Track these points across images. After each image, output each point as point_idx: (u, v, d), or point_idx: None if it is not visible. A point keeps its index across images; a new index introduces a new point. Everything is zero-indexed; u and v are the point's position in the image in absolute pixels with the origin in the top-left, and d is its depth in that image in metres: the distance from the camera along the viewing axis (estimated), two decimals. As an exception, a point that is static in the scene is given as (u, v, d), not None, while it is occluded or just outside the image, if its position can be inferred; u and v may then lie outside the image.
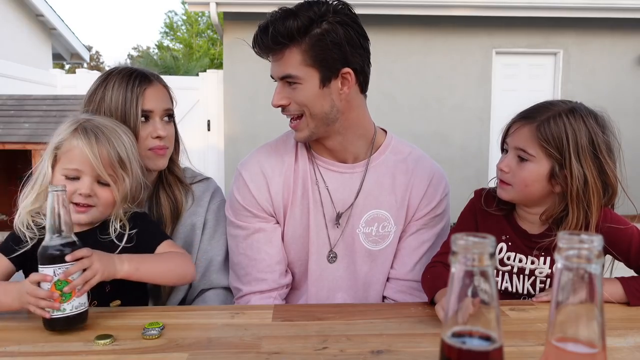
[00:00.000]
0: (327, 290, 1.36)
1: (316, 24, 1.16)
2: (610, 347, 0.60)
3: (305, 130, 1.25)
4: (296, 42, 1.17)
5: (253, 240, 1.33)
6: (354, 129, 1.30)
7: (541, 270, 1.21)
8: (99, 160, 1.11)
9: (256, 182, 1.32)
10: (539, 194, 1.16)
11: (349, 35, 1.18)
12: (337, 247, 1.34)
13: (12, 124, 4.39)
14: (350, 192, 1.33)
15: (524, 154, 1.14)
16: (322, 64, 1.18)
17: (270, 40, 1.18)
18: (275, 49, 1.19)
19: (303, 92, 1.20)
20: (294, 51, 1.18)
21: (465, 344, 0.50)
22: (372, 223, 1.33)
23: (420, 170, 1.36)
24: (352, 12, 1.22)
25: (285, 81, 1.22)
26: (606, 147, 1.12)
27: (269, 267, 1.32)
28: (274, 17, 1.18)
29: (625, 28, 6.77)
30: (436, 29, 6.78)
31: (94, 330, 1.00)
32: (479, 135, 6.91)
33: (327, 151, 1.33)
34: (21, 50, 8.48)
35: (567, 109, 1.13)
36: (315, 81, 1.20)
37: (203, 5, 6.72)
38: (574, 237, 0.51)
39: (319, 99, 1.21)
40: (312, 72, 1.19)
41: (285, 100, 1.23)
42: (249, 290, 1.33)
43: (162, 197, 1.40)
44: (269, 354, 0.90)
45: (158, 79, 1.38)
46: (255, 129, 6.58)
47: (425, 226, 1.36)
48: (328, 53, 1.17)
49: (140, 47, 27.64)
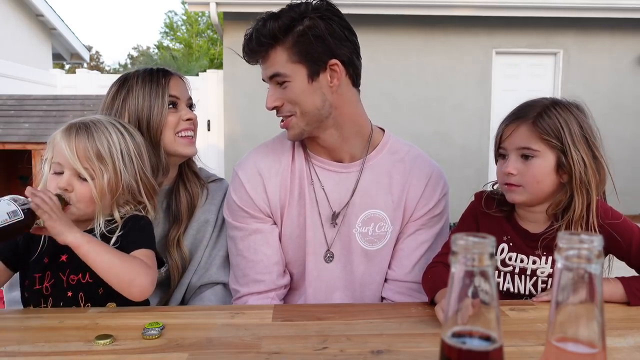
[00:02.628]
0: (325, 290, 1.36)
1: (298, 22, 1.19)
2: (610, 347, 0.60)
3: (296, 128, 1.26)
4: (280, 42, 1.20)
5: (250, 242, 1.33)
6: (349, 125, 1.30)
7: (543, 270, 1.21)
8: (74, 154, 1.11)
9: (252, 182, 1.32)
10: (550, 188, 1.17)
11: (332, 28, 1.21)
12: (334, 246, 1.34)
13: (12, 124, 4.39)
14: (346, 191, 1.33)
15: (529, 152, 1.15)
16: (308, 58, 1.20)
17: (255, 44, 1.22)
18: (261, 51, 1.23)
19: (293, 89, 1.22)
20: (279, 50, 1.21)
21: (465, 344, 0.50)
22: (368, 223, 1.32)
23: (417, 170, 1.35)
24: (334, 7, 1.24)
25: (275, 81, 1.24)
26: (592, 132, 1.16)
27: (267, 268, 1.32)
28: (257, 24, 1.23)
29: (625, 28, 6.77)
30: (436, 29, 6.78)
31: (94, 330, 1.00)
32: (479, 135, 6.91)
33: (323, 150, 1.33)
34: (21, 50, 8.48)
35: (551, 102, 1.17)
36: (303, 76, 1.22)
37: (203, 5, 6.73)
38: (574, 237, 0.51)
39: (310, 95, 1.23)
40: (299, 67, 1.21)
41: (278, 101, 1.25)
42: (246, 292, 1.33)
43: (181, 192, 1.44)
44: (269, 354, 0.90)
45: (177, 72, 1.45)
46: (255, 129, 6.58)
47: (424, 227, 1.35)
48: (312, 47, 1.20)
49: (140, 47, 27.67)
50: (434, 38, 6.81)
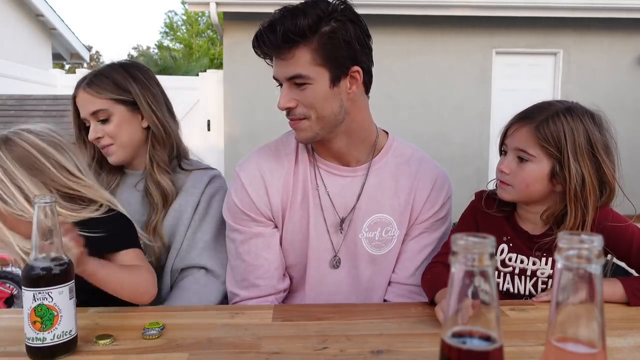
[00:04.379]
0: (327, 294, 1.34)
1: (324, 22, 1.12)
2: (610, 347, 0.60)
3: (308, 132, 1.21)
4: (307, 40, 1.12)
5: (251, 245, 1.30)
6: (359, 132, 1.27)
7: (543, 271, 1.21)
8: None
9: (254, 185, 1.29)
10: (540, 194, 1.16)
11: (357, 33, 1.15)
12: (340, 252, 1.32)
13: (12, 124, 4.38)
14: (352, 196, 1.30)
15: (525, 155, 1.15)
16: (333, 62, 1.14)
17: (281, 39, 1.11)
18: (284, 48, 1.13)
19: (313, 92, 1.15)
20: (304, 50, 1.13)
21: (465, 344, 0.50)
22: (375, 228, 1.30)
23: (423, 173, 1.33)
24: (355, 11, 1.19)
25: (293, 82, 1.16)
26: (603, 146, 1.12)
27: (267, 272, 1.30)
28: (281, 15, 1.13)
29: (624, 28, 6.77)
30: (436, 29, 6.78)
31: (94, 330, 0.99)
32: (479, 135, 6.91)
33: (331, 154, 1.30)
34: (21, 50, 8.48)
35: (564, 109, 1.14)
36: (325, 81, 1.15)
37: (203, 5, 6.73)
38: (574, 237, 0.51)
39: (329, 100, 1.17)
40: (322, 71, 1.14)
41: (292, 102, 1.18)
42: (246, 296, 1.31)
43: (150, 186, 1.43)
44: (269, 354, 0.90)
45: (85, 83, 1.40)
46: (255, 129, 6.59)
47: (428, 230, 1.34)
48: (339, 51, 1.13)
49: (140, 47, 27.60)
50: (433, 38, 6.81)
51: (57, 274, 0.86)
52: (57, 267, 0.86)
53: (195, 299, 1.36)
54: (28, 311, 0.85)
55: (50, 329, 0.86)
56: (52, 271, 0.86)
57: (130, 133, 1.42)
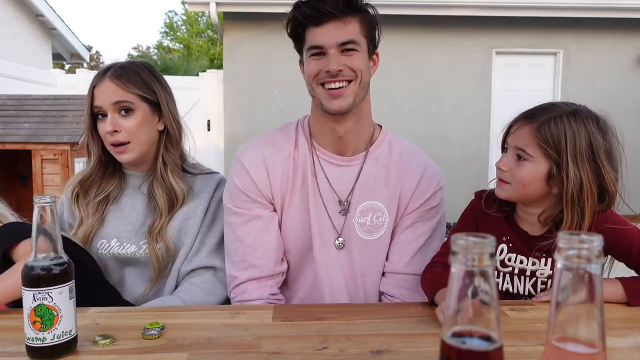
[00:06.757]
0: (329, 278, 1.36)
1: (367, 4, 1.27)
2: (610, 347, 0.60)
3: (351, 96, 1.25)
4: (358, 12, 1.24)
5: (250, 227, 1.33)
6: (364, 118, 1.34)
7: (542, 271, 1.21)
8: None
9: (255, 166, 1.33)
10: (537, 194, 1.16)
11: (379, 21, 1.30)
12: (343, 234, 1.36)
13: (12, 124, 4.38)
14: (348, 183, 1.35)
15: (523, 154, 1.15)
16: (370, 38, 1.28)
17: (343, 4, 1.21)
18: (347, 13, 1.22)
19: (360, 58, 1.25)
20: (356, 19, 1.24)
21: (465, 344, 0.50)
22: (366, 213, 1.35)
23: (413, 164, 1.38)
24: None
25: (343, 48, 1.23)
26: (605, 151, 1.11)
27: (266, 253, 1.33)
28: None
29: (625, 28, 6.77)
30: (436, 29, 6.77)
31: (94, 330, 1.00)
32: (479, 135, 6.91)
33: (331, 141, 1.34)
34: (21, 50, 8.48)
35: (568, 111, 1.13)
36: (366, 51, 1.27)
37: (203, 5, 6.72)
38: (574, 237, 0.51)
39: (368, 70, 1.29)
40: (365, 42, 1.26)
41: (342, 66, 1.24)
42: (245, 278, 1.32)
43: (156, 189, 1.43)
44: (269, 354, 0.90)
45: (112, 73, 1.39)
46: (255, 129, 6.58)
47: (421, 219, 1.36)
48: (374, 30, 1.29)
49: (140, 47, 27.62)
50: (433, 38, 6.81)
51: (56, 274, 0.87)
52: (56, 267, 0.87)
53: (203, 297, 1.37)
54: (28, 311, 0.86)
55: (50, 329, 0.86)
56: (51, 271, 0.86)
57: (148, 133, 1.42)
